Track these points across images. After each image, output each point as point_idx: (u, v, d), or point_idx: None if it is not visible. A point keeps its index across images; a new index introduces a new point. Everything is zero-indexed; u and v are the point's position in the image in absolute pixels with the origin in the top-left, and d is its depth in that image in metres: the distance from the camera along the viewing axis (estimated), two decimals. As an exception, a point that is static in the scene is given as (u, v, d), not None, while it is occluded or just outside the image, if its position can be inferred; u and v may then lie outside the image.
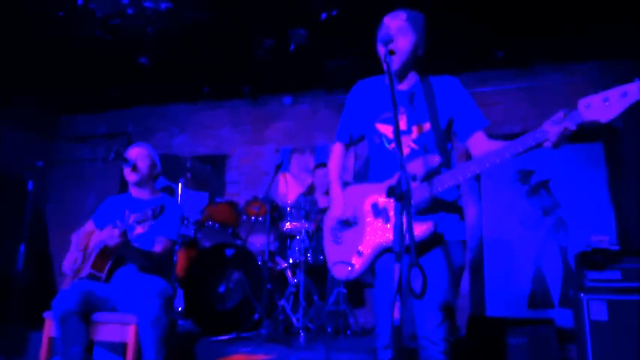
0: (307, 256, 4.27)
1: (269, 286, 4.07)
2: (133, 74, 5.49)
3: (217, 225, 4.63)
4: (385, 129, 2.19)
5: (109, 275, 2.93)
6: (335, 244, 2.27)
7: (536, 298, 4.80)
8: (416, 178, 2.03)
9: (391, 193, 1.56)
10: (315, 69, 5.33)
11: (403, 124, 2.15)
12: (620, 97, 1.68)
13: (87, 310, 2.74)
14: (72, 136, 6.84)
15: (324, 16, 4.32)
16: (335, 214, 2.24)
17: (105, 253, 2.91)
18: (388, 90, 1.97)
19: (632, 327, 3.14)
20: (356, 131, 2.36)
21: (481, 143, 2.11)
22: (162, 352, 2.68)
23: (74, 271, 2.99)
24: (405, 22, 2.12)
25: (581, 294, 3.31)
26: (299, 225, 4.34)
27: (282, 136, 6.09)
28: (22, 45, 4.87)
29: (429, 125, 2.13)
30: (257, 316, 3.98)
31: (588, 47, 4.78)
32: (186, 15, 4.43)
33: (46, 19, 4.45)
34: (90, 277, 2.90)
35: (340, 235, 2.25)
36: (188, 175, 4.77)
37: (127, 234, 2.74)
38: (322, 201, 4.83)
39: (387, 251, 2.09)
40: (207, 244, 4.69)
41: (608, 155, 4.83)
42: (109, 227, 2.77)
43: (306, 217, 4.32)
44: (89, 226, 3.23)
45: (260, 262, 4.16)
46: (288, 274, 4.53)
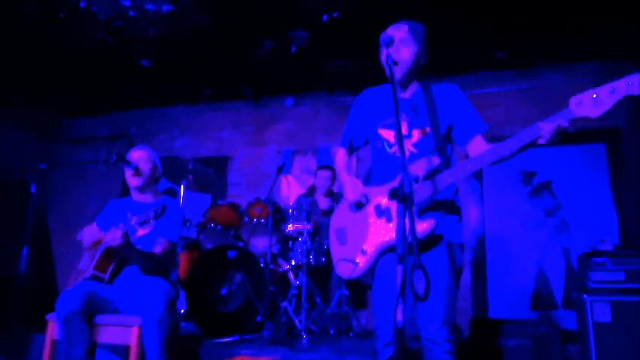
0: (309, 258, 4.26)
1: (271, 288, 4.07)
2: (135, 76, 5.50)
3: (219, 227, 4.63)
4: (387, 134, 2.28)
5: (112, 277, 2.93)
6: (340, 244, 2.34)
7: (538, 299, 4.79)
8: (418, 179, 2.08)
9: (394, 195, 1.58)
10: (316, 70, 5.33)
11: (404, 129, 2.23)
12: (609, 94, 1.80)
13: (90, 311, 2.74)
14: (74, 138, 6.85)
15: (325, 17, 4.32)
16: (349, 198, 2.27)
17: (108, 255, 2.91)
18: (390, 97, 2.11)
19: (636, 328, 3.13)
20: (358, 138, 2.45)
21: (479, 147, 2.18)
22: (166, 353, 2.68)
23: (80, 272, 2.99)
24: (407, 34, 2.20)
25: (585, 295, 3.30)
26: (301, 227, 4.34)
27: (284, 138, 6.09)
28: (24, 47, 4.88)
29: (429, 129, 2.21)
30: (259, 318, 3.98)
31: (589, 48, 4.77)
32: (188, 17, 4.44)
33: (48, 22, 4.47)
34: (93, 278, 2.90)
35: (346, 235, 2.32)
36: (190, 177, 4.78)
37: (129, 235, 2.74)
38: (323, 202, 4.83)
39: (390, 250, 2.14)
40: (209, 246, 4.70)
41: (611, 156, 4.82)
42: (112, 228, 2.77)
43: (308, 219, 4.32)
44: (93, 227, 3.22)
45: (262, 264, 4.16)
46: (291, 276, 4.53)
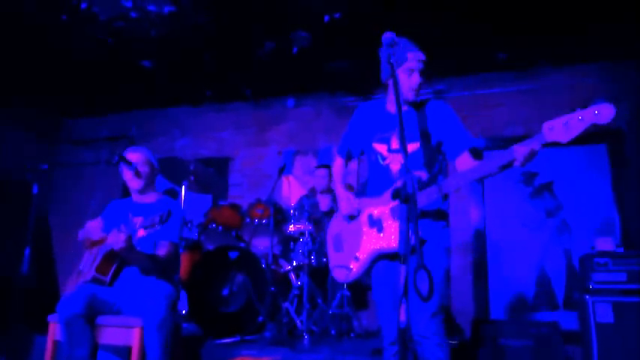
0: (311, 259, 4.26)
1: (273, 288, 4.08)
2: (136, 77, 5.50)
3: (221, 228, 4.63)
4: (380, 147, 2.41)
5: (114, 279, 2.93)
6: (336, 251, 2.53)
7: (540, 300, 4.78)
8: (420, 180, 2.13)
9: (396, 195, 1.60)
10: (317, 71, 5.33)
11: (395, 144, 2.36)
12: (577, 121, 1.89)
13: (92, 313, 2.74)
14: (74, 139, 6.85)
15: (326, 18, 4.32)
16: (342, 211, 2.48)
17: (110, 257, 2.90)
18: (385, 113, 2.42)
19: (638, 329, 3.13)
20: (354, 149, 2.61)
21: (466, 162, 2.29)
22: (167, 355, 2.67)
23: (81, 274, 2.99)
24: (423, 64, 2.31)
25: (587, 296, 3.30)
26: (302, 227, 4.34)
27: (285, 139, 6.09)
28: (25, 48, 4.88)
29: (417, 145, 2.33)
30: (261, 318, 3.98)
31: (590, 49, 4.77)
32: (189, 18, 4.44)
33: (49, 22, 4.47)
34: (94, 280, 2.90)
35: (341, 242, 2.50)
36: (191, 177, 4.78)
37: (132, 238, 2.74)
38: (324, 203, 4.83)
39: (381, 257, 2.32)
40: (210, 247, 4.69)
41: (612, 157, 4.82)
42: (114, 231, 2.77)
43: (309, 220, 4.32)
44: (97, 222, 3.22)
45: (264, 265, 4.16)
46: (292, 276, 4.52)
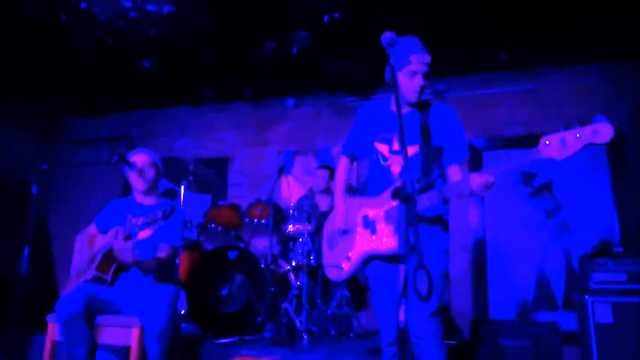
0: (310, 259, 4.26)
1: (272, 288, 4.07)
2: (136, 77, 5.49)
3: (220, 228, 4.63)
4: (382, 147, 2.41)
5: (114, 278, 2.93)
6: (330, 250, 2.56)
7: (539, 300, 4.78)
8: (420, 179, 2.13)
9: (396, 195, 1.60)
10: (317, 71, 5.33)
11: (397, 145, 2.36)
12: (575, 140, 1.84)
13: (91, 312, 2.74)
14: (75, 139, 6.85)
15: (326, 18, 4.32)
16: (336, 224, 2.52)
17: (110, 256, 2.90)
18: (388, 112, 2.40)
19: (637, 329, 3.13)
20: (357, 149, 2.61)
21: (455, 174, 2.34)
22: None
23: (83, 272, 2.99)
24: (427, 66, 2.28)
25: (586, 296, 3.30)
26: (302, 227, 4.34)
27: (285, 139, 6.08)
28: (25, 48, 4.87)
29: (416, 148, 2.34)
30: (260, 319, 3.98)
31: (590, 49, 4.77)
32: (189, 18, 4.43)
33: (49, 22, 4.46)
34: (95, 279, 2.90)
35: (335, 241, 2.53)
36: (190, 177, 4.77)
37: (131, 237, 2.74)
38: (323, 204, 4.83)
39: (372, 259, 2.35)
40: (210, 247, 4.69)
41: (612, 157, 4.82)
42: (114, 230, 2.77)
43: (309, 220, 4.32)
44: (92, 229, 3.23)
45: (263, 265, 4.16)
46: (291, 276, 4.52)
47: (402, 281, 1.52)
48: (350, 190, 2.65)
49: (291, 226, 4.45)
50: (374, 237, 2.30)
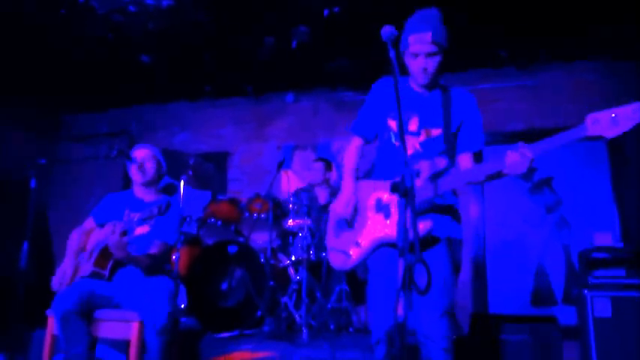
0: (310, 253, 4.26)
1: (272, 283, 4.07)
2: (135, 72, 5.48)
3: (220, 222, 4.62)
4: (394, 125, 2.24)
5: (112, 273, 2.93)
6: (336, 235, 2.34)
7: (539, 295, 4.79)
8: (419, 174, 2.06)
9: (395, 189, 1.58)
10: (317, 66, 5.32)
11: (414, 126, 2.22)
12: (628, 117, 1.76)
13: (88, 309, 2.74)
14: (74, 135, 6.84)
15: (326, 12, 4.30)
16: (340, 210, 2.29)
17: (107, 252, 2.91)
18: (408, 90, 2.21)
19: (636, 324, 3.14)
20: (371, 126, 2.39)
21: (466, 163, 2.21)
22: (167, 356, 2.69)
23: (63, 285, 2.99)
24: (431, 45, 2.11)
25: (585, 291, 3.30)
26: (301, 222, 4.33)
27: (284, 134, 6.08)
28: (23, 43, 4.86)
29: (440, 131, 2.19)
30: (260, 313, 3.98)
31: (590, 45, 4.77)
32: (188, 13, 4.42)
33: (48, 17, 4.45)
34: (93, 275, 2.90)
35: (342, 227, 2.32)
36: (190, 172, 4.76)
37: (127, 233, 2.74)
38: (322, 196, 4.83)
39: (383, 246, 2.15)
40: (209, 242, 4.69)
41: (612, 153, 4.82)
42: (110, 226, 2.77)
43: (309, 214, 4.32)
44: (89, 223, 3.22)
45: (262, 260, 4.15)
46: (291, 271, 4.52)
47: (402, 275, 1.50)
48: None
49: (290, 221, 4.44)
50: (388, 222, 2.13)
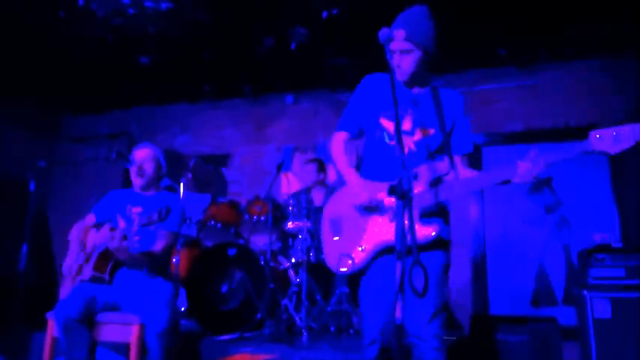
0: (310, 255, 4.26)
1: (271, 285, 4.07)
2: (134, 74, 5.49)
3: (219, 225, 4.63)
4: (388, 124, 2.20)
5: (112, 275, 2.94)
6: (334, 236, 2.27)
7: (539, 296, 4.79)
8: (417, 177, 2.05)
9: (393, 191, 1.58)
10: (316, 68, 5.32)
11: (408, 125, 2.19)
12: (629, 134, 1.80)
13: (90, 314, 2.75)
14: (74, 136, 6.84)
15: (325, 14, 4.31)
16: (357, 200, 2.16)
17: (106, 255, 2.91)
18: (400, 88, 2.15)
19: (636, 324, 3.13)
20: (359, 123, 2.34)
21: (464, 171, 2.19)
22: (168, 358, 2.69)
23: (75, 272, 2.99)
24: (404, 42, 2.09)
25: (585, 291, 3.30)
26: (301, 224, 4.33)
27: (284, 135, 6.08)
28: (23, 45, 4.87)
29: (434, 131, 2.18)
30: (260, 315, 3.98)
31: (590, 45, 4.76)
32: (187, 14, 4.42)
33: (47, 19, 4.45)
34: (93, 279, 2.90)
35: (341, 227, 2.26)
36: (189, 175, 4.77)
37: (127, 238, 2.74)
38: (317, 198, 4.82)
39: (387, 250, 2.10)
40: (209, 244, 4.69)
41: (611, 153, 4.81)
42: (108, 229, 2.77)
43: (308, 216, 4.32)
44: (90, 219, 3.22)
45: (262, 262, 4.16)
46: (291, 273, 4.52)
47: (399, 278, 1.49)
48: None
49: (290, 223, 4.45)
50: (393, 225, 2.03)
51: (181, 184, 4.62)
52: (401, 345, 1.49)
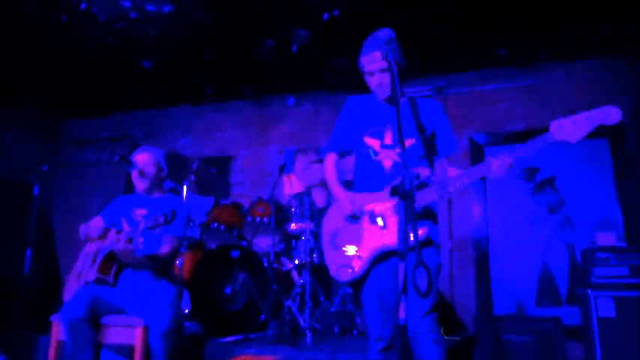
0: (313, 257, 4.27)
1: (275, 287, 4.08)
2: (136, 77, 5.50)
3: (223, 227, 4.63)
4: (372, 142, 2.40)
5: (116, 278, 2.94)
6: (334, 249, 2.43)
7: (543, 295, 4.78)
8: (419, 177, 2.14)
9: (395, 192, 1.61)
10: (317, 70, 5.33)
11: (389, 139, 2.37)
12: (586, 121, 1.93)
13: (95, 315, 2.76)
14: (76, 139, 6.86)
15: (326, 16, 4.32)
16: (345, 211, 2.36)
17: (111, 258, 2.92)
18: (377, 106, 2.42)
19: (640, 323, 3.13)
20: (346, 144, 2.58)
21: (439, 169, 2.38)
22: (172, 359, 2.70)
23: (86, 266, 2.99)
24: (382, 62, 2.31)
25: (589, 290, 3.30)
26: (304, 225, 4.34)
27: (286, 137, 6.09)
28: (25, 49, 4.89)
29: (414, 141, 2.35)
30: (263, 317, 3.99)
31: (591, 44, 4.76)
32: (189, 17, 4.44)
33: (49, 23, 4.47)
34: (97, 281, 2.91)
35: (339, 239, 2.42)
36: (192, 178, 4.78)
37: (132, 240, 2.75)
38: (319, 199, 4.83)
39: (384, 255, 2.25)
40: (212, 246, 4.70)
41: (614, 151, 4.81)
42: (114, 232, 2.78)
43: (311, 218, 4.33)
44: (97, 221, 3.23)
45: (266, 263, 4.16)
46: (294, 274, 4.52)
47: (402, 278, 1.52)
48: (346, 185, 2.59)
49: (293, 225, 4.45)
50: (385, 231, 2.24)
51: (184, 187, 4.64)
52: (405, 344, 1.51)
